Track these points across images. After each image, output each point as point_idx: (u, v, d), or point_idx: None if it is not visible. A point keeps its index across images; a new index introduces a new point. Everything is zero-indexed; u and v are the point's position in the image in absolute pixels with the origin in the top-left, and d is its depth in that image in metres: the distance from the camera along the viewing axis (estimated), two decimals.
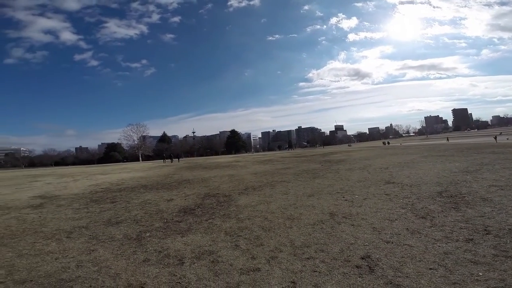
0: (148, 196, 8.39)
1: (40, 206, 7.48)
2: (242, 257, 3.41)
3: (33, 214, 6.54)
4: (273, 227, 4.53)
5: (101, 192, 9.87)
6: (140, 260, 3.40)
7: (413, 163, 12.30)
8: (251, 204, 6.40)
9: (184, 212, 5.96)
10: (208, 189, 9.12)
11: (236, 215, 5.43)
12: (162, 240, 4.16)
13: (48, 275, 3.04)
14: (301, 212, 5.35)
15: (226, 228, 4.64)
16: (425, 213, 4.68)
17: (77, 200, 8.28)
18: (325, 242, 3.73)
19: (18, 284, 2.83)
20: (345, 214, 5.01)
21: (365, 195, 6.53)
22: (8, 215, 6.46)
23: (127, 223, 5.31)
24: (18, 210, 7.11)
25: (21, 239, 4.58)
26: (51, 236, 4.66)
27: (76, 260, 3.49)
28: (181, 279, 2.86)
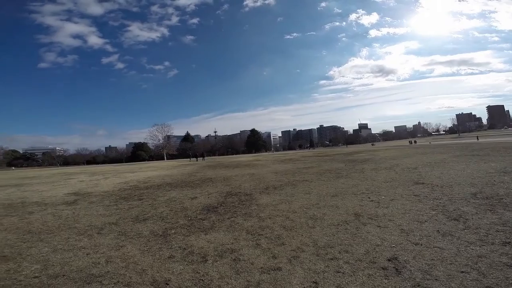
0: (173, 194, 8.66)
1: (73, 203, 7.95)
2: (263, 256, 3.40)
3: (67, 210, 6.94)
4: (295, 227, 4.48)
5: (129, 190, 10.33)
6: (165, 257, 3.50)
7: (444, 163, 11.63)
8: (272, 203, 6.38)
9: (207, 210, 6.07)
10: (230, 188, 9.23)
11: (257, 214, 5.44)
12: (186, 237, 4.26)
13: (79, 270, 3.19)
14: (325, 212, 5.24)
15: (248, 226, 4.66)
16: (458, 215, 4.42)
17: (107, 197, 8.72)
18: (350, 243, 3.64)
19: (52, 278, 2.98)
20: (370, 215, 4.84)
21: (392, 195, 6.27)
22: (45, 211, 6.92)
23: (153, 220, 5.50)
24: (54, 206, 7.60)
25: (56, 234, 4.85)
26: (83, 232, 4.91)
27: (106, 255, 3.64)
28: (204, 277, 2.91)
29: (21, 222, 5.81)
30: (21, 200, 8.92)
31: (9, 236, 4.75)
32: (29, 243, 4.35)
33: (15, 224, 5.58)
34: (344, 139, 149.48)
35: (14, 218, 6.16)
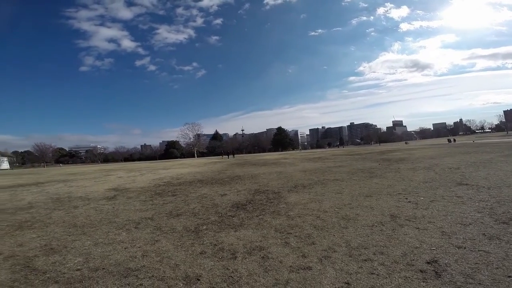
0: (204, 191, 8.90)
1: (113, 198, 8.46)
2: (292, 255, 3.35)
3: (107, 205, 7.37)
4: (326, 227, 4.36)
5: (163, 186, 10.80)
6: (197, 252, 3.58)
7: (491, 162, 10.61)
8: (301, 202, 6.28)
9: (236, 207, 6.14)
10: (258, 186, 9.26)
11: (286, 213, 5.38)
12: (217, 234, 4.33)
13: (117, 264, 3.35)
14: (358, 213, 5.04)
15: (276, 225, 4.63)
16: (508, 218, 4.02)
17: (143, 193, 9.18)
18: (385, 245, 3.46)
19: (92, 271, 3.14)
20: (408, 217, 4.56)
21: (432, 197, 5.86)
22: (88, 206, 7.42)
23: (186, 215, 5.67)
24: (96, 201, 8.13)
25: (98, 228, 5.12)
26: (122, 226, 5.15)
27: (142, 250, 3.79)
28: (233, 273, 2.93)
29: (67, 216, 6.24)
30: (68, 195, 9.70)
31: (56, 229, 5.11)
32: (74, 236, 4.64)
33: (62, 218, 6.02)
34: (376, 137, 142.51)
35: (62, 212, 6.65)
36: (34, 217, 6.16)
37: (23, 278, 2.98)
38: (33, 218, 6.01)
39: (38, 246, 4.09)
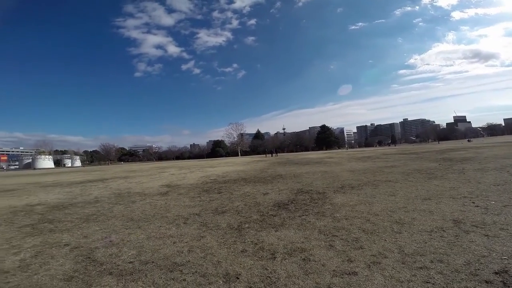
0: (247, 189, 9.01)
1: (166, 194, 9.03)
2: (336, 259, 3.14)
3: (161, 200, 7.86)
4: (376, 230, 4.02)
5: (210, 183, 11.25)
6: (238, 250, 3.59)
7: None
8: (349, 203, 5.91)
9: (278, 207, 6.05)
10: (300, 185, 9.03)
11: (332, 214, 5.11)
12: (258, 233, 4.30)
13: (165, 258, 3.46)
14: (414, 217, 4.55)
15: (320, 226, 4.41)
16: None
17: (192, 190, 9.66)
18: (446, 252, 3.07)
19: (143, 264, 3.32)
20: (475, 222, 3.97)
21: (505, 201, 5.03)
22: (144, 201, 7.99)
23: (230, 213, 5.77)
24: (151, 196, 8.76)
25: (151, 222, 5.37)
26: (172, 221, 5.41)
27: (189, 245, 3.92)
28: (271, 274, 2.86)
29: (126, 210, 6.79)
30: (127, 190, 10.65)
31: (116, 222, 5.56)
32: (130, 229, 4.90)
33: (122, 212, 6.56)
34: (435, 134, 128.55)
35: (121, 207, 7.27)
36: (99, 210, 6.84)
37: (83, 268, 3.26)
38: (98, 212, 6.66)
39: (100, 238, 4.47)
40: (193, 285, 2.71)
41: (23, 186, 14.59)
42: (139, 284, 2.76)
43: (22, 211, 7.17)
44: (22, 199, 9.57)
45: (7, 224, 5.73)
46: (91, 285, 2.78)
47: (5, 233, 5.00)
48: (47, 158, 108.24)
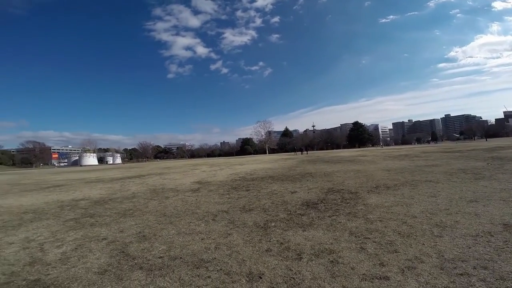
0: (274, 187, 8.92)
1: (197, 191, 9.28)
2: (367, 262, 2.95)
3: (192, 197, 8.09)
4: (413, 234, 3.71)
5: (239, 181, 11.37)
6: (263, 249, 3.53)
7: None
8: (384, 204, 5.55)
9: (307, 206, 5.88)
10: (331, 184, 8.71)
11: (365, 215, 4.83)
12: (285, 232, 4.20)
13: (193, 254, 3.50)
14: (457, 220, 4.13)
15: (352, 227, 4.19)
16: None
17: (221, 187, 9.83)
18: (492, 258, 2.77)
19: (171, 260, 3.39)
20: None
21: None
22: (177, 197, 8.30)
23: (257, 211, 5.73)
24: (183, 193, 9.06)
25: (182, 218, 5.49)
26: (202, 217, 5.51)
27: (216, 242, 3.94)
28: (296, 275, 2.75)
29: (160, 205, 7.08)
30: (162, 186, 11.17)
31: (150, 217, 5.79)
32: (162, 225, 5.05)
33: (156, 207, 6.85)
34: (482, 130, 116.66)
35: (155, 202, 7.61)
36: (135, 206, 7.21)
37: (116, 262, 3.41)
38: (134, 207, 7.02)
39: (134, 233, 4.67)
40: (216, 283, 2.70)
41: (70, 182, 16.00)
42: (166, 280, 2.82)
43: (68, 205, 7.82)
44: (69, 194, 10.48)
45: (54, 217, 6.26)
46: (122, 279, 2.89)
47: (52, 226, 5.44)
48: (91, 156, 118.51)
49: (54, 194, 10.54)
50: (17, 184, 16.45)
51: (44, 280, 2.96)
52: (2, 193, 11.94)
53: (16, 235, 4.90)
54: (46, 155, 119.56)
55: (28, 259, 3.65)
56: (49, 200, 8.97)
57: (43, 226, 5.48)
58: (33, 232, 5.01)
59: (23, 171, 52.68)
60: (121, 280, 2.86)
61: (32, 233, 4.95)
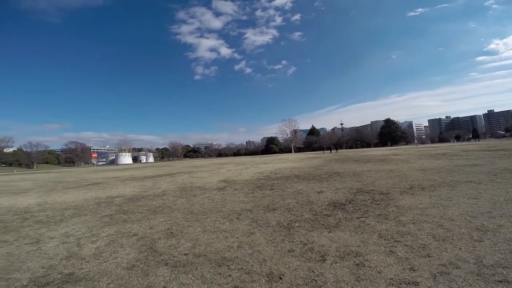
0: (300, 186, 8.77)
1: (223, 189, 9.43)
2: (396, 266, 2.79)
3: (218, 195, 8.22)
4: (450, 237, 3.45)
5: (263, 180, 11.36)
6: (285, 250, 3.47)
7: None
8: (418, 206, 5.20)
9: (333, 206, 5.69)
10: (361, 184, 8.36)
11: (396, 217, 4.56)
12: (309, 232, 4.10)
13: (216, 252, 3.54)
14: (501, 224, 3.75)
15: (382, 230, 3.97)
16: None
17: (246, 186, 9.89)
18: None
19: (196, 257, 3.45)
20: None
21: None
22: (203, 195, 8.49)
23: (281, 210, 5.66)
24: (210, 191, 9.26)
25: (208, 216, 5.59)
26: (226, 216, 5.57)
27: (239, 241, 3.96)
28: (318, 277, 2.67)
29: (188, 203, 7.28)
30: (190, 185, 11.51)
31: (178, 215, 5.98)
32: (189, 222, 5.18)
33: (184, 205, 7.06)
34: None
35: (184, 200, 7.85)
36: (165, 203, 7.49)
37: (144, 258, 3.54)
38: (164, 204, 7.30)
39: (163, 229, 4.84)
40: (236, 282, 2.71)
41: (107, 180, 17.10)
42: (189, 277, 2.88)
43: (105, 202, 8.35)
44: (106, 191, 11.21)
45: (92, 214, 6.70)
46: (148, 274, 2.99)
47: (89, 222, 5.82)
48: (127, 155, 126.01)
49: (92, 192, 11.32)
50: (61, 182, 17.94)
51: (77, 274, 3.13)
52: (48, 190, 13.10)
53: (57, 230, 5.28)
54: (87, 154, 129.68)
55: (66, 253, 3.90)
56: (88, 197, 9.64)
57: (81, 221, 5.87)
58: (72, 228, 5.38)
59: (66, 170, 57.36)
60: (147, 276, 2.96)
61: (71, 228, 5.32)
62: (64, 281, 2.94)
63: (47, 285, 2.89)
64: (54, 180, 20.76)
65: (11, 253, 3.99)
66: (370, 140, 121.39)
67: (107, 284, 2.81)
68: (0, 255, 3.94)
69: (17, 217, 6.76)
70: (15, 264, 3.54)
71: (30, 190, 13.29)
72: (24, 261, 3.66)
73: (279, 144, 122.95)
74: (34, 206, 8.35)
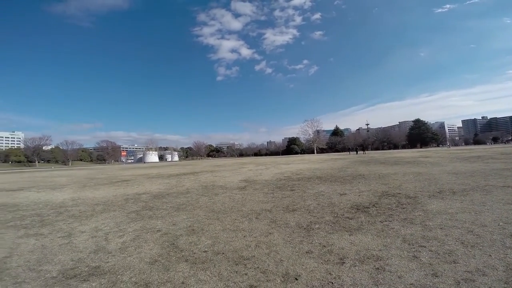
0: (321, 188, 8.63)
1: (243, 189, 9.52)
2: (418, 271, 2.68)
3: (238, 194, 8.31)
4: (479, 244, 3.25)
5: (284, 180, 11.32)
6: (303, 251, 3.44)
7: None
8: (448, 211, 4.93)
9: (356, 209, 5.54)
10: (386, 187, 8.05)
11: (423, 222, 4.35)
12: (329, 235, 4.03)
13: (234, 250, 3.59)
14: None
15: (406, 234, 3.82)
16: None
17: (267, 186, 9.91)
18: None
19: (215, 254, 3.53)
20: None
21: None
22: (225, 194, 8.63)
23: (301, 211, 5.61)
24: (231, 190, 9.39)
25: (228, 215, 5.66)
26: (246, 215, 5.62)
27: (256, 240, 3.98)
28: (335, 280, 2.63)
29: (209, 201, 7.43)
30: (212, 183, 11.75)
31: (200, 213, 6.12)
32: (210, 220, 5.27)
33: (206, 203, 7.21)
34: None
35: (206, 198, 8.01)
36: (188, 201, 7.70)
37: (166, 253, 3.66)
38: (187, 202, 7.50)
39: (185, 226, 4.99)
40: (252, 281, 2.73)
41: (135, 177, 17.92)
42: (207, 274, 2.95)
43: (132, 198, 8.77)
44: (133, 188, 11.76)
45: (120, 209, 7.05)
46: (168, 270, 3.10)
47: (117, 217, 6.12)
48: (153, 154, 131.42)
49: (121, 188, 11.92)
50: (93, 179, 19.08)
51: (103, 267, 3.30)
52: (81, 186, 13.99)
53: (88, 224, 5.59)
54: (117, 152, 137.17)
55: (94, 247, 4.11)
56: (117, 194, 10.18)
57: (110, 217, 6.19)
58: (102, 222, 5.68)
59: (98, 167, 60.80)
60: (167, 271, 3.07)
61: (101, 223, 5.61)
62: (90, 274, 3.09)
63: (74, 277, 3.04)
64: (87, 176, 22.09)
65: (45, 246, 4.25)
66: (397, 141, 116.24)
67: (130, 278, 2.93)
68: (36, 247, 4.21)
69: (53, 211, 7.25)
70: (47, 257, 3.76)
71: (65, 186, 14.23)
72: (56, 253, 3.87)
73: (301, 144, 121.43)
74: (68, 201, 8.93)
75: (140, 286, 2.74)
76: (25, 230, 5.33)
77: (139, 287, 2.72)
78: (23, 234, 5.03)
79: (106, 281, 2.90)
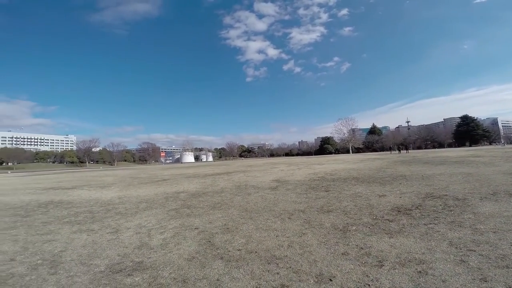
0: (359, 189, 8.32)
1: (275, 189, 9.54)
2: (465, 275, 2.51)
3: (270, 194, 8.35)
4: None
5: (317, 181, 11.10)
6: (339, 252, 3.36)
7: None
8: (503, 214, 4.47)
9: (397, 211, 5.25)
10: (431, 189, 7.50)
11: (473, 225, 4.01)
12: (367, 237, 3.88)
13: (267, 250, 3.61)
14: None
15: (453, 238, 3.55)
16: None
17: (299, 186, 9.81)
18: None
19: (248, 253, 3.52)
20: None
21: None
22: (257, 194, 8.71)
23: (336, 213, 5.48)
24: (263, 190, 9.46)
25: (261, 214, 5.71)
26: (278, 215, 5.63)
27: (289, 240, 3.97)
28: (372, 282, 2.53)
29: (243, 201, 7.56)
30: (245, 183, 11.92)
31: (234, 212, 6.25)
32: (244, 219, 5.35)
33: (239, 203, 7.34)
34: None
35: (240, 198, 8.16)
36: (223, 200, 7.92)
37: (203, 251, 3.72)
38: (222, 201, 7.71)
39: (220, 225, 5.13)
40: (284, 280, 2.74)
41: (174, 177, 18.86)
42: (240, 272, 3.02)
43: (172, 197, 9.25)
44: (173, 187, 12.39)
45: (161, 207, 7.46)
46: (204, 266, 3.23)
47: (158, 215, 6.47)
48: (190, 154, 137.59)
49: (162, 187, 12.62)
50: (136, 178, 20.44)
51: (145, 262, 3.49)
52: (126, 185, 15.08)
53: (133, 221, 5.97)
54: (157, 153, 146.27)
55: (138, 243, 4.36)
56: (158, 192, 10.80)
57: (152, 214, 6.57)
58: (145, 219, 6.04)
59: (140, 167, 64.93)
60: (203, 268, 3.19)
61: (144, 220, 5.97)
62: (134, 269, 3.29)
63: (120, 271, 3.25)
64: (131, 176, 23.69)
65: (95, 241, 4.59)
66: (443, 139, 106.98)
67: (169, 274, 3.08)
68: (87, 242, 4.56)
69: (102, 208, 7.88)
70: (97, 251, 4.05)
71: (112, 185, 15.43)
72: (104, 248, 4.16)
73: (335, 144, 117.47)
74: (115, 199, 9.66)
75: (178, 282, 2.88)
76: (78, 225, 5.83)
77: (177, 282, 2.86)
78: (77, 229, 5.51)
79: (148, 276, 3.07)
